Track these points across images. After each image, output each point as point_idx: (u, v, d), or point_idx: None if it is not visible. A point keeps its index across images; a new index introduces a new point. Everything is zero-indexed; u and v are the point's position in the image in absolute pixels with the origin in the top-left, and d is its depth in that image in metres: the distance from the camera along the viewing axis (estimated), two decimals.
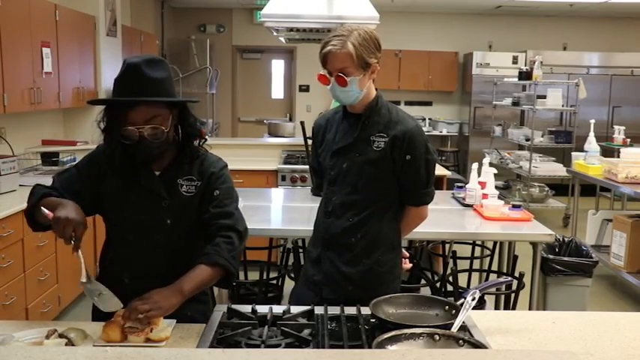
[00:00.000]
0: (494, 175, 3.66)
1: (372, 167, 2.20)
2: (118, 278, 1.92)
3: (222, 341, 1.60)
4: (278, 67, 10.47)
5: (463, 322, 1.70)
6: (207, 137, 2.00)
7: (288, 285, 3.30)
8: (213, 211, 1.92)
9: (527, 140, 7.57)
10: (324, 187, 2.35)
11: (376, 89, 2.29)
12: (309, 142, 2.97)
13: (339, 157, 2.25)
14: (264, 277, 3.39)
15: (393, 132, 2.19)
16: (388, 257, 2.28)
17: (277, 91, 10.53)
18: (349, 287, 2.21)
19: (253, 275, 3.42)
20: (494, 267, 3.83)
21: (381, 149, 2.19)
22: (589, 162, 5.47)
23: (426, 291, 3.38)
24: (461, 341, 1.55)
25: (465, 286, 3.52)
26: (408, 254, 2.48)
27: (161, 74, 1.82)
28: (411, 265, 2.52)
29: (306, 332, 1.66)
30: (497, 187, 3.66)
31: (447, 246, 3.84)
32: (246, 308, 1.82)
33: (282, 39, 4.84)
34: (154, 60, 1.85)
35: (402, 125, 2.21)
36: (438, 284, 3.49)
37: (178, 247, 1.92)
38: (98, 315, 1.96)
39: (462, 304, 1.71)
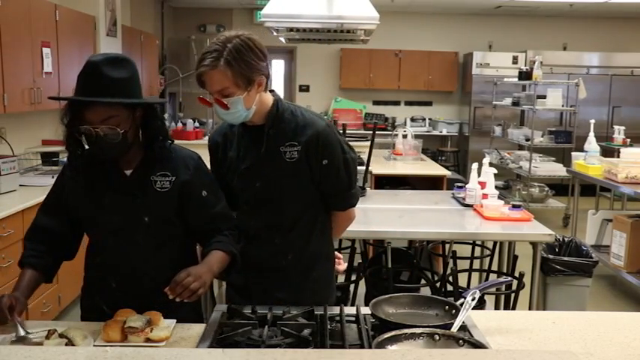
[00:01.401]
0: (495, 175, 3.66)
1: (290, 180, 2.00)
2: (104, 283, 1.92)
3: (222, 341, 1.60)
4: (278, 67, 10.47)
5: (463, 322, 1.70)
6: (172, 140, 1.94)
7: None
8: (209, 214, 1.93)
9: (527, 140, 7.57)
10: (240, 210, 2.11)
11: (272, 91, 2.05)
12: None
13: (248, 177, 2.02)
14: None
15: (304, 137, 1.97)
16: (323, 271, 2.13)
17: (277, 91, 10.50)
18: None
19: None
20: (495, 267, 3.83)
21: (295, 159, 1.97)
22: (589, 162, 5.47)
23: (426, 291, 3.38)
24: (461, 341, 1.55)
25: (465, 286, 3.52)
26: (340, 255, 2.34)
27: (122, 74, 1.77)
28: (345, 265, 2.30)
29: (306, 332, 1.66)
30: (497, 187, 3.66)
31: (447, 246, 3.84)
32: (246, 308, 1.82)
33: (282, 39, 4.85)
34: (117, 59, 1.81)
35: (311, 128, 1.98)
36: (438, 284, 3.49)
37: (160, 244, 1.90)
38: (87, 316, 1.98)
39: (462, 304, 1.71)
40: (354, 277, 3.42)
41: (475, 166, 3.73)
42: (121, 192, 1.86)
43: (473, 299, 1.71)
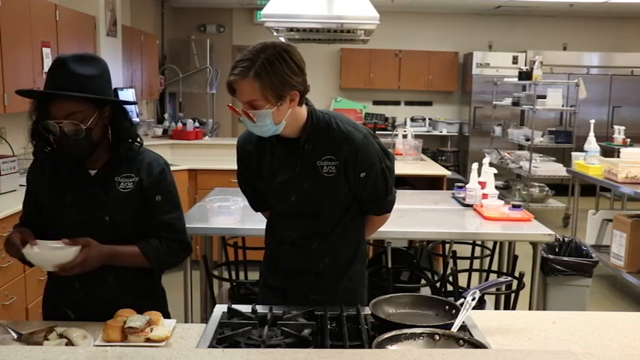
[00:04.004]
0: (494, 175, 3.66)
1: (327, 194, 1.97)
2: (67, 284, 1.89)
3: (222, 341, 1.60)
4: None
5: (463, 322, 1.70)
6: (140, 142, 1.94)
7: None
8: (155, 220, 1.91)
9: (527, 140, 7.57)
10: (274, 218, 2.12)
11: (306, 103, 1.95)
12: None
13: (283, 191, 1.99)
14: None
15: (343, 153, 1.91)
16: (357, 269, 2.12)
17: None
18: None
19: (253, 275, 3.42)
20: (495, 267, 3.83)
21: (333, 175, 1.93)
22: (589, 162, 5.47)
23: (426, 291, 3.38)
24: (461, 341, 1.55)
25: (465, 286, 3.52)
26: None
27: (90, 71, 1.78)
28: None
29: (306, 332, 1.66)
30: (497, 187, 3.66)
31: (447, 246, 3.84)
32: (246, 308, 1.82)
33: (282, 39, 4.84)
34: (86, 57, 1.82)
35: (350, 143, 1.91)
36: (438, 284, 3.48)
37: (122, 245, 1.89)
38: (49, 315, 1.97)
39: (462, 304, 1.71)
40: None
41: (475, 166, 3.73)
42: (84, 191, 1.86)
43: (473, 299, 1.71)
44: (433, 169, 5.61)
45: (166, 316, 2.01)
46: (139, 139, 1.93)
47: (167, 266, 1.96)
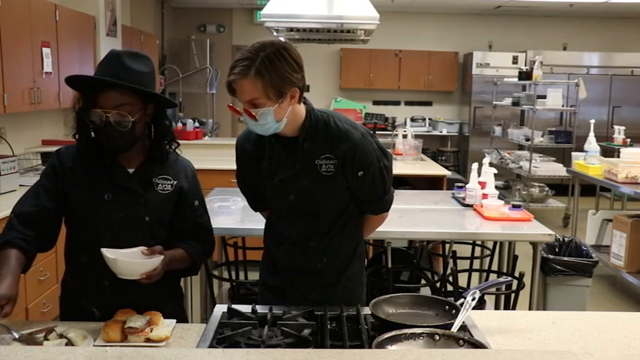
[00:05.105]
0: (494, 175, 3.66)
1: (326, 192, 1.98)
2: (96, 282, 1.88)
3: (222, 341, 1.60)
4: None
5: (463, 322, 1.70)
6: (177, 142, 1.99)
7: None
8: (195, 223, 2.00)
9: (527, 140, 7.57)
10: (272, 217, 2.14)
11: (305, 102, 1.97)
12: None
13: (282, 190, 2.00)
14: None
15: (341, 151, 1.93)
16: (356, 268, 2.13)
17: None
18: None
19: (253, 275, 3.42)
20: (495, 267, 3.83)
21: (331, 173, 1.94)
22: (589, 162, 5.47)
23: (426, 291, 3.37)
24: (461, 341, 1.55)
25: (465, 286, 3.52)
26: None
27: (141, 67, 1.82)
28: None
29: (306, 332, 1.66)
30: (497, 187, 3.66)
31: (447, 246, 3.84)
32: (246, 308, 1.82)
33: (282, 39, 4.85)
34: (139, 54, 1.87)
35: (348, 142, 1.93)
36: (438, 284, 3.48)
37: (155, 243, 1.89)
38: (69, 312, 1.96)
39: (462, 304, 1.71)
40: None
41: (475, 166, 3.73)
42: (124, 188, 1.87)
43: (473, 299, 1.71)
44: (433, 169, 5.61)
45: (183, 314, 2.05)
46: (176, 140, 1.97)
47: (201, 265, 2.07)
